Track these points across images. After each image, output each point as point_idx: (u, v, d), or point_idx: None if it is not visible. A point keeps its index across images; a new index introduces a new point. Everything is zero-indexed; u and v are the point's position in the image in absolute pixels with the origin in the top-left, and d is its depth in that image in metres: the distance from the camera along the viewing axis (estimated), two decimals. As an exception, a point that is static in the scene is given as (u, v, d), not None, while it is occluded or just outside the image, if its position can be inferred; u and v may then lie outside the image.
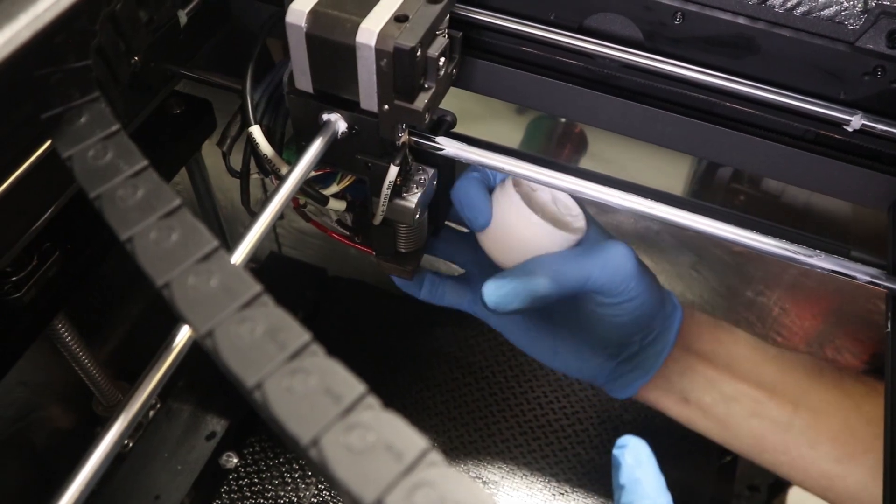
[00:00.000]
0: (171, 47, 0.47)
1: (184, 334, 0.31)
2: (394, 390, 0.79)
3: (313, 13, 0.36)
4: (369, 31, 0.35)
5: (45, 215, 0.41)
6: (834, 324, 0.71)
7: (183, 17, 0.45)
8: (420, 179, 0.45)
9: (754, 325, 0.75)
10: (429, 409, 0.78)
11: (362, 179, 0.44)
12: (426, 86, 0.38)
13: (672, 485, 0.78)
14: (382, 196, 0.43)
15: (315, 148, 0.39)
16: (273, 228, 0.95)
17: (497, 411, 0.78)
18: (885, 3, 0.38)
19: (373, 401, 0.22)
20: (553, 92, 0.46)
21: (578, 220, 0.50)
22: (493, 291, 0.46)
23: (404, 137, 0.42)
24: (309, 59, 0.37)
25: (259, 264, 0.91)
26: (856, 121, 0.41)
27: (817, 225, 0.68)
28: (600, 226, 0.50)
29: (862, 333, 0.70)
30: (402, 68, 0.36)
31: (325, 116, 0.40)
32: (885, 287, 0.40)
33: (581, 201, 0.51)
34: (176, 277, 0.25)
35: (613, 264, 0.46)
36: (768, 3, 0.40)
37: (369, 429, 0.21)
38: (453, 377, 0.80)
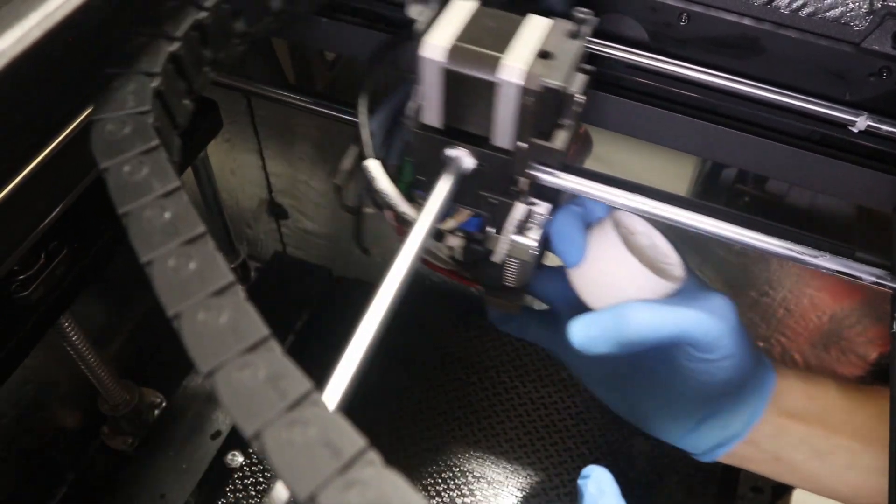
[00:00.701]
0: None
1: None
2: (398, 390, 0.79)
3: (452, 47, 0.34)
4: (515, 68, 0.34)
5: (53, 214, 0.41)
6: (839, 325, 0.70)
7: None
8: (537, 215, 0.43)
9: (758, 325, 0.75)
10: (433, 408, 0.78)
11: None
12: (564, 123, 0.36)
13: (676, 487, 0.77)
14: (506, 234, 0.41)
15: (444, 186, 0.37)
16: (278, 228, 0.95)
17: (501, 411, 0.78)
18: (891, 4, 0.38)
19: (374, 456, 0.21)
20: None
21: (676, 269, 0.46)
22: (581, 331, 0.43)
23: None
24: (442, 95, 0.36)
25: (264, 264, 0.91)
26: (861, 122, 0.40)
27: (822, 225, 0.68)
28: (699, 276, 0.47)
29: (867, 334, 0.70)
30: (547, 107, 0.35)
31: (452, 152, 0.38)
32: (889, 287, 0.40)
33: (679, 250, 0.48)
34: (186, 310, 0.24)
35: (712, 318, 0.42)
36: (774, 4, 0.40)
37: (368, 486, 0.20)
38: (457, 377, 0.80)
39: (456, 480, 0.74)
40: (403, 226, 0.44)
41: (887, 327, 0.68)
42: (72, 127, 0.40)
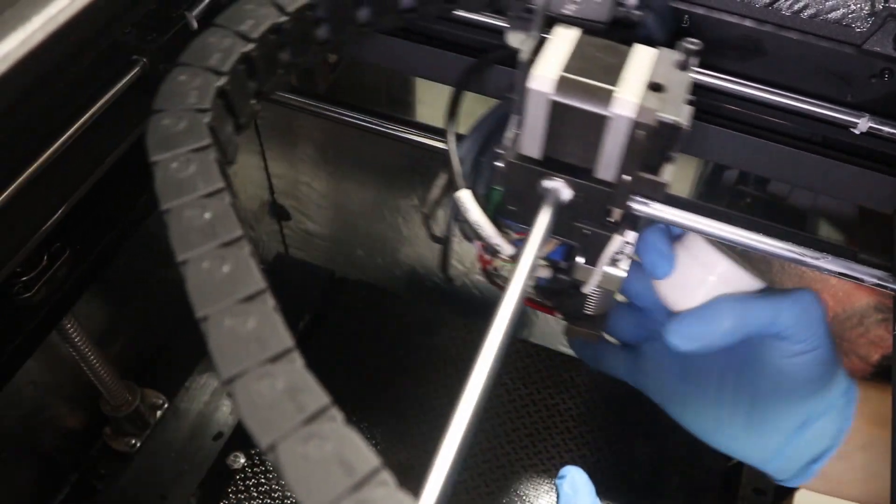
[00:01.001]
0: (180, 50, 0.47)
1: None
2: (399, 392, 0.79)
3: (560, 79, 0.33)
4: (628, 101, 0.33)
5: (56, 215, 0.41)
6: (841, 326, 0.70)
7: (192, 20, 0.46)
8: (628, 245, 0.42)
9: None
10: (434, 410, 0.78)
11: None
12: (671, 156, 0.36)
13: (678, 488, 0.77)
14: (600, 265, 0.41)
15: (544, 219, 0.37)
16: (280, 229, 0.95)
17: (503, 413, 0.78)
18: (892, 5, 0.38)
19: (386, 477, 0.21)
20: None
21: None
22: (680, 329, 0.44)
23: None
24: (546, 126, 0.35)
25: (267, 266, 0.91)
26: (863, 123, 0.41)
27: (824, 227, 0.68)
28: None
29: (869, 335, 0.70)
30: (660, 141, 0.34)
31: (549, 184, 0.37)
32: (890, 289, 0.40)
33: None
34: (214, 314, 0.25)
35: (802, 305, 0.44)
36: (776, 5, 0.40)
37: None
38: (459, 379, 0.80)
39: (459, 482, 0.74)
40: (492, 257, 0.43)
41: (889, 329, 0.68)
42: (74, 128, 0.40)
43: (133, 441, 0.76)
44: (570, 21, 0.37)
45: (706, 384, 0.49)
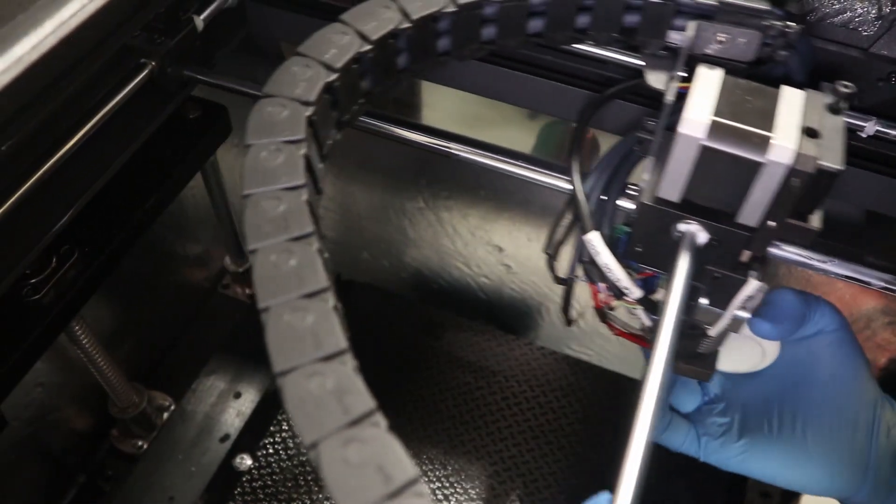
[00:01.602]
0: (188, 53, 0.47)
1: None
2: (406, 393, 0.79)
3: (712, 124, 0.32)
4: (785, 148, 0.32)
5: (65, 218, 0.41)
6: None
7: (200, 22, 0.46)
8: (760, 289, 0.41)
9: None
10: (441, 412, 0.78)
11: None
12: (822, 202, 0.34)
13: (685, 492, 0.77)
14: (731, 309, 0.40)
15: (684, 263, 0.36)
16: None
17: (509, 415, 0.78)
18: (899, 9, 0.38)
19: (423, 488, 0.21)
20: (565, 97, 0.47)
21: None
22: (769, 328, 0.44)
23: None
24: (692, 170, 0.34)
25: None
26: (870, 127, 0.40)
27: (831, 230, 0.68)
28: None
29: (876, 339, 0.70)
30: (816, 189, 0.33)
31: (684, 227, 0.36)
32: (899, 293, 0.40)
33: None
34: (275, 307, 0.25)
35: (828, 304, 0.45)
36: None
37: None
38: (465, 381, 0.80)
39: (463, 484, 0.74)
40: (616, 298, 0.42)
41: (897, 332, 0.67)
42: (83, 132, 0.40)
43: (140, 443, 0.76)
44: (712, 61, 0.36)
45: (781, 438, 0.47)
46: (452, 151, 0.43)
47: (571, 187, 0.42)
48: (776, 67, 0.38)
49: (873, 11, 0.39)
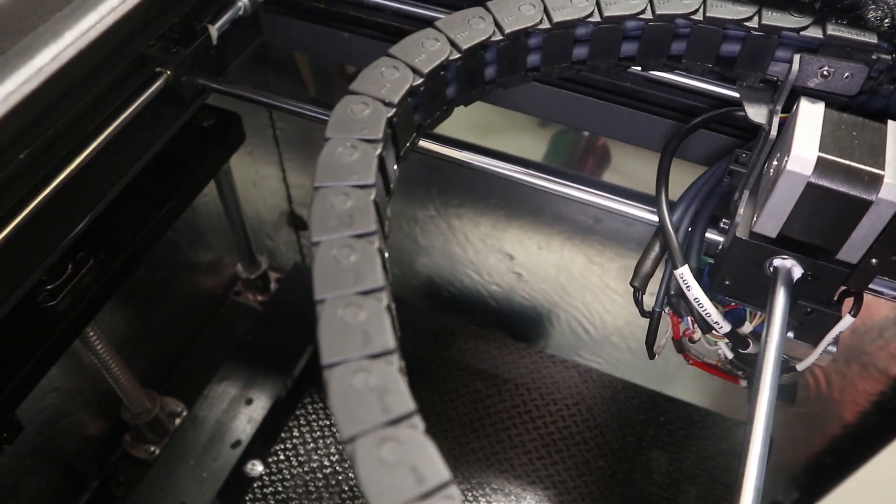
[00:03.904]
0: (202, 62, 0.48)
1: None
2: (417, 400, 0.79)
3: (818, 160, 0.32)
4: None
5: (81, 225, 0.42)
6: (860, 339, 0.70)
7: (214, 32, 0.46)
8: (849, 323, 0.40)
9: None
10: (452, 420, 0.78)
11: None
12: None
13: (694, 500, 0.76)
14: (823, 344, 0.39)
15: (781, 298, 0.35)
16: (297, 239, 0.96)
17: (520, 423, 0.78)
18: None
19: (454, 492, 0.21)
20: (577, 105, 0.47)
21: None
22: None
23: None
24: (795, 207, 0.33)
25: (284, 275, 0.92)
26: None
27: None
28: None
29: (889, 348, 0.69)
30: None
31: (779, 262, 0.36)
32: (910, 302, 0.39)
33: None
34: (330, 300, 0.25)
35: None
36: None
37: None
38: (476, 388, 0.80)
39: (474, 492, 0.74)
40: (703, 331, 0.42)
41: (909, 341, 0.67)
42: (99, 140, 0.40)
43: (152, 448, 0.76)
44: (813, 94, 0.36)
45: None
46: (479, 165, 0.42)
47: (657, 219, 0.41)
48: (875, 100, 0.37)
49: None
